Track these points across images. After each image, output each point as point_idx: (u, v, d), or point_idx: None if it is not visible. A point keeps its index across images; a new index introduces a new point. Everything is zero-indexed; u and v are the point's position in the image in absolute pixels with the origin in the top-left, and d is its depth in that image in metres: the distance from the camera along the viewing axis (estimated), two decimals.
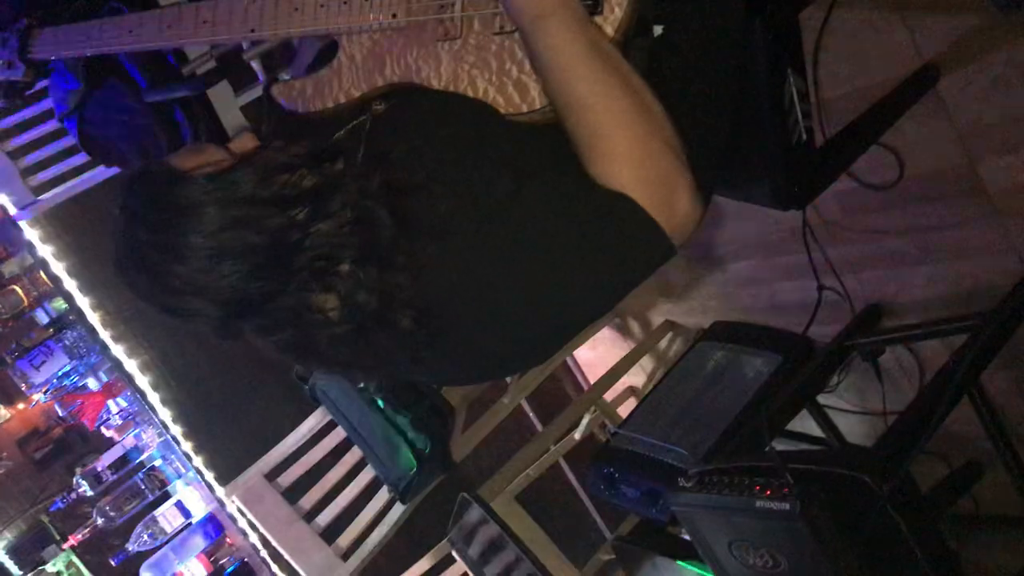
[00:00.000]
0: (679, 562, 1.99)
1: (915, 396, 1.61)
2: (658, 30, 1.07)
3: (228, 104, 1.97)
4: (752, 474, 1.52)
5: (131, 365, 2.63)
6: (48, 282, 2.63)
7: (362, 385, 2.25)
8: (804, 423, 2.09)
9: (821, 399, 2.06)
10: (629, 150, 0.93)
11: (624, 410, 2.90)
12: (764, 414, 1.81)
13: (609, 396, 2.93)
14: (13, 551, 3.06)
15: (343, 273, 0.93)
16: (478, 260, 0.94)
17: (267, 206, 0.90)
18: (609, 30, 0.98)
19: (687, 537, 1.69)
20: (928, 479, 1.99)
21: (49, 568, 3.01)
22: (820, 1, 1.57)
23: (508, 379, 2.73)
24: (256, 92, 2.09)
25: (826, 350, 2.00)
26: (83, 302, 2.58)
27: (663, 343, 2.78)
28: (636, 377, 2.93)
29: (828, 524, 1.40)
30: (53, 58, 1.44)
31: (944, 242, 1.84)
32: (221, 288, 0.91)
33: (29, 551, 3.04)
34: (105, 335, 2.59)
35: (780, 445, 2.05)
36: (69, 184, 2.26)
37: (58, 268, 2.55)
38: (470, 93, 1.03)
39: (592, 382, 3.02)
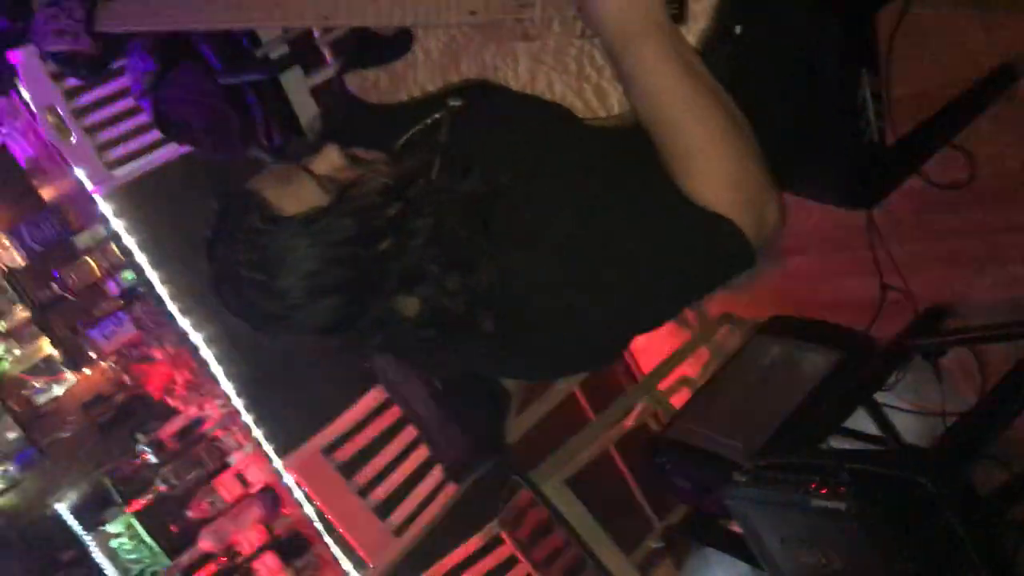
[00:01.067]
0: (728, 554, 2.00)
1: (978, 399, 1.59)
2: (738, 29, 1.07)
3: (300, 88, 2.00)
4: (808, 471, 1.51)
5: (197, 338, 2.70)
6: (120, 255, 2.71)
7: (419, 366, 2.28)
8: (860, 420, 2.07)
9: (879, 397, 2.04)
10: (726, 172, 0.94)
11: (677, 400, 2.90)
12: (822, 411, 1.80)
13: (663, 386, 2.93)
14: (76, 511, 3.18)
15: (428, 282, 0.95)
16: (563, 265, 0.95)
17: (359, 244, 0.92)
18: (692, 40, 0.97)
19: (737, 530, 1.69)
20: (986, 483, 1.97)
21: (110, 528, 3.12)
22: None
23: None
24: (326, 74, 2.12)
25: (887, 349, 1.98)
26: (153, 275, 2.66)
27: (720, 334, 2.77)
28: (691, 367, 2.92)
29: (883, 525, 1.40)
30: (120, 32, 1.44)
31: (1012, 245, 1.81)
32: (316, 320, 0.94)
33: (92, 512, 3.16)
34: (173, 308, 2.67)
35: (836, 442, 2.04)
36: (143, 160, 2.32)
37: (130, 242, 2.63)
38: (547, 95, 1.03)
39: (645, 370, 3.02)
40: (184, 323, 2.66)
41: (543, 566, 2.60)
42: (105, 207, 2.59)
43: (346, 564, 2.75)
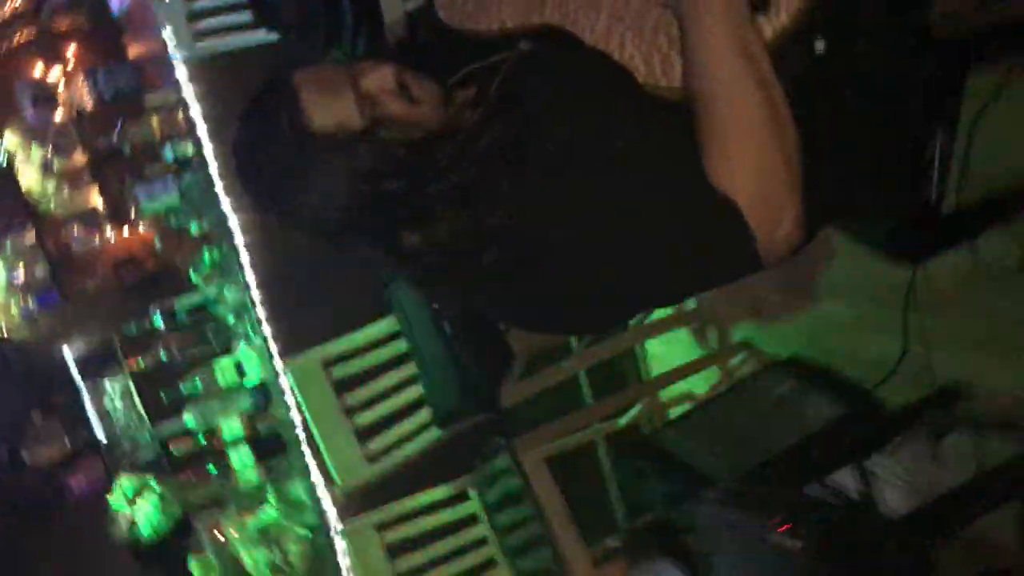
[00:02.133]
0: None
1: (961, 484, 1.58)
2: (820, 47, 1.06)
3: (394, 3, 2.00)
4: (776, 507, 1.51)
5: (234, 221, 2.74)
6: (183, 123, 2.75)
7: (436, 306, 2.30)
8: (846, 477, 2.05)
9: (869, 462, 2.02)
10: (750, 160, 0.94)
11: (674, 412, 2.89)
12: (807, 456, 1.79)
13: (666, 394, 2.93)
14: (80, 361, 3.25)
15: (435, 224, 0.99)
16: (576, 207, 0.97)
17: (379, 178, 0.97)
18: (769, 32, 0.97)
19: (696, 549, 1.70)
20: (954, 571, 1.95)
21: (107, 385, 3.19)
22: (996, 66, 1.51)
23: (574, 344, 2.75)
24: None
25: (893, 416, 1.96)
26: (209, 150, 2.69)
27: (734, 361, 2.76)
28: (697, 385, 2.91)
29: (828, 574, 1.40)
30: None
31: None
32: (326, 224, 1.01)
33: (94, 366, 3.22)
34: (219, 186, 2.71)
35: (814, 492, 2.03)
36: (229, 38, 2.35)
37: (196, 112, 2.67)
38: (616, 54, 1.03)
39: (655, 376, 3.01)
40: (226, 203, 2.70)
41: (501, 533, 2.62)
42: (181, 72, 2.62)
43: (315, 476, 2.79)
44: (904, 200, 1.33)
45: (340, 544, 2.77)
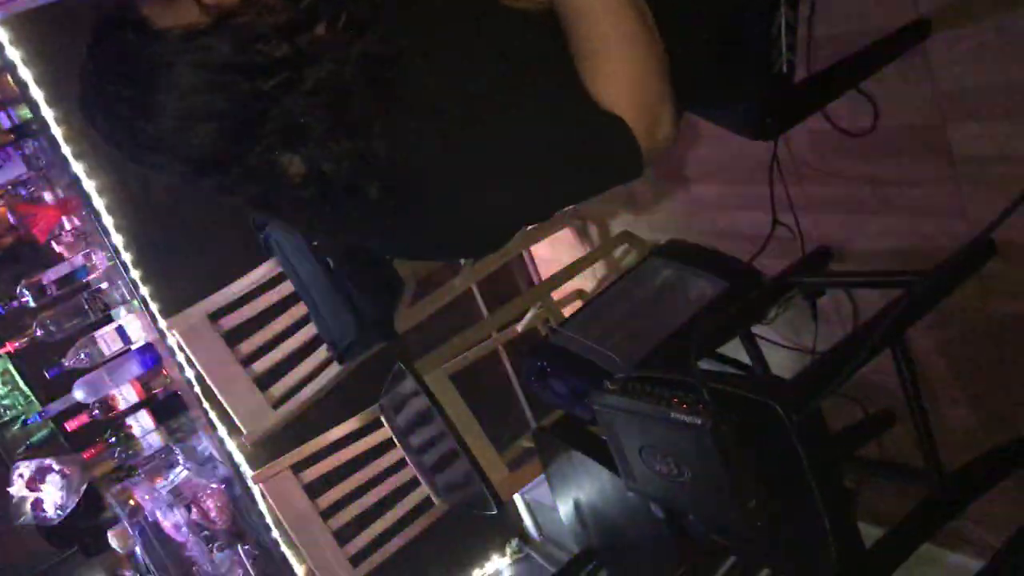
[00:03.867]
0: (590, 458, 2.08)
1: (842, 338, 1.67)
2: None
3: None
4: (673, 387, 1.57)
5: (89, 185, 2.61)
6: (14, 87, 2.58)
7: (316, 243, 2.27)
8: (738, 350, 2.15)
9: (756, 330, 2.12)
10: (628, 74, 0.95)
11: (569, 311, 2.96)
12: (699, 334, 1.86)
13: (557, 295, 2.98)
14: None
15: (312, 139, 0.92)
16: (459, 140, 0.95)
17: (239, 73, 0.88)
18: None
19: (604, 438, 1.76)
20: (843, 421, 2.09)
21: None
22: None
23: (462, 261, 2.76)
24: None
25: (770, 283, 2.05)
26: (48, 113, 2.54)
27: (618, 252, 2.82)
28: (586, 281, 2.98)
29: (734, 444, 1.47)
30: None
31: (902, 197, 1.87)
32: (188, 147, 0.91)
33: None
34: (67, 150, 2.57)
35: (708, 366, 2.12)
36: None
37: (26, 74, 2.51)
38: None
39: (544, 279, 3.06)
40: (77, 167, 2.56)
41: (416, 453, 2.66)
42: (1, 34, 2.45)
43: (221, 430, 2.76)
44: (755, 75, 1.37)
45: (257, 492, 2.76)
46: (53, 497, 2.82)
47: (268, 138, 0.91)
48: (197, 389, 2.72)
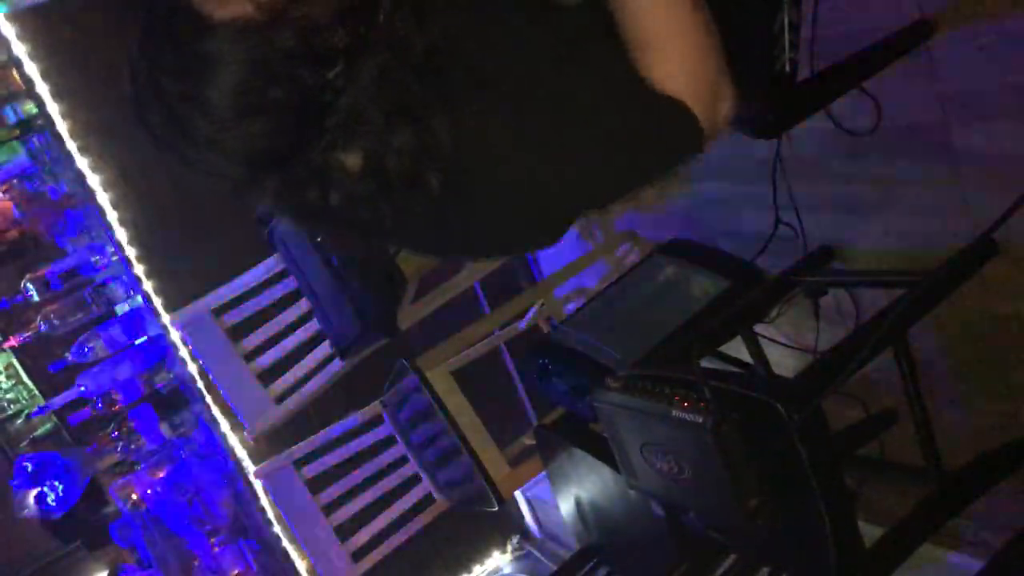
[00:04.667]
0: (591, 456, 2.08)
1: (843, 337, 1.67)
2: None
3: None
4: (675, 385, 1.58)
5: (94, 180, 2.62)
6: (20, 82, 2.59)
7: (320, 239, 2.27)
8: (739, 349, 2.15)
9: (758, 329, 2.12)
10: (687, 58, 0.93)
11: (571, 308, 2.96)
12: (697, 331, 1.87)
13: (559, 293, 2.99)
14: None
15: (374, 131, 0.89)
16: (518, 125, 0.93)
17: (300, 64, 0.85)
18: None
19: (605, 435, 1.76)
20: (844, 420, 2.09)
21: None
22: None
23: None
24: None
25: (771, 282, 2.06)
26: (53, 108, 2.55)
27: (620, 250, 2.83)
28: (589, 279, 2.98)
29: (735, 442, 1.47)
30: None
31: (904, 197, 1.87)
32: (246, 143, 0.87)
33: None
34: (72, 145, 2.58)
35: (710, 364, 2.12)
36: None
37: (32, 69, 2.51)
38: None
39: (547, 276, 3.07)
40: (82, 162, 2.57)
41: (418, 450, 2.66)
42: (8, 28, 2.45)
43: (223, 425, 2.77)
44: (757, 72, 1.37)
45: (259, 487, 2.77)
46: (56, 491, 2.83)
47: (330, 131, 0.88)
48: (200, 384, 2.73)
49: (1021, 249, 1.71)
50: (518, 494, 3.53)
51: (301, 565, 2.87)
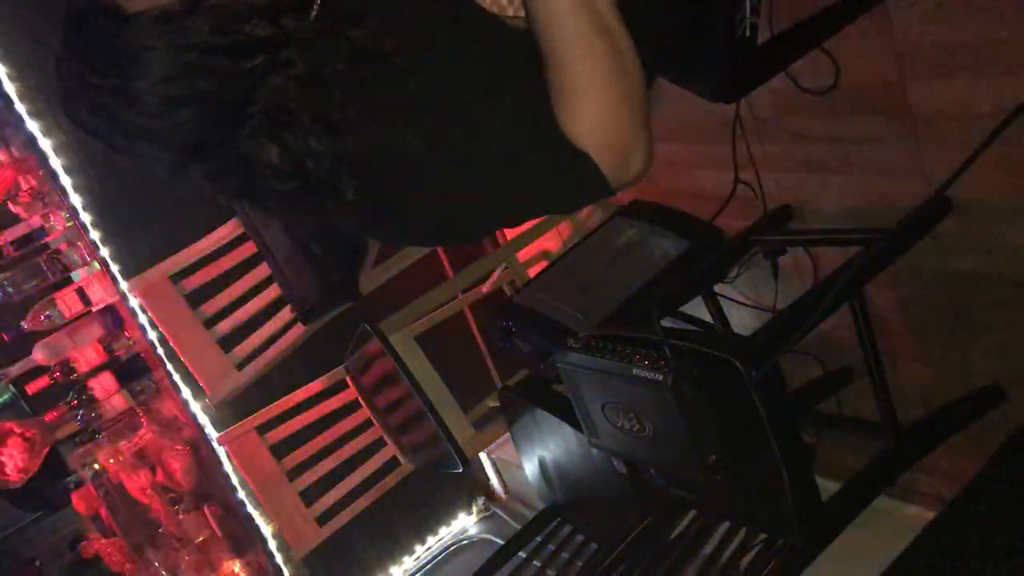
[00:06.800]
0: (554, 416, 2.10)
1: (801, 295, 1.70)
2: None
3: None
4: (635, 344, 1.59)
5: (46, 144, 2.57)
6: None
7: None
8: (700, 309, 2.17)
9: (718, 288, 2.14)
10: (599, 115, 0.93)
11: (535, 271, 2.97)
12: (658, 291, 1.88)
13: (522, 256, 2.99)
14: None
15: (296, 130, 0.90)
16: (435, 145, 0.94)
17: (220, 55, 0.86)
18: None
19: (567, 396, 1.78)
20: (803, 378, 2.12)
21: None
22: None
23: None
24: None
25: (731, 242, 2.07)
26: (0, 70, 2.48)
27: (582, 214, 2.83)
28: (551, 242, 2.98)
29: (694, 399, 1.49)
30: None
31: (862, 156, 1.89)
32: (173, 133, 0.88)
33: None
34: (21, 108, 2.52)
35: (671, 324, 2.14)
36: None
37: None
38: None
39: (509, 240, 3.06)
40: (33, 126, 2.51)
41: (382, 414, 2.67)
42: None
43: (185, 392, 2.74)
44: (718, 39, 1.37)
45: (222, 453, 2.76)
46: (15, 461, 2.79)
47: (253, 120, 0.89)
48: (160, 351, 2.71)
49: (975, 206, 1.73)
50: (483, 456, 3.56)
51: (267, 529, 2.87)
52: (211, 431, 2.78)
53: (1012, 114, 1.39)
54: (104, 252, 2.67)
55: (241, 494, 2.83)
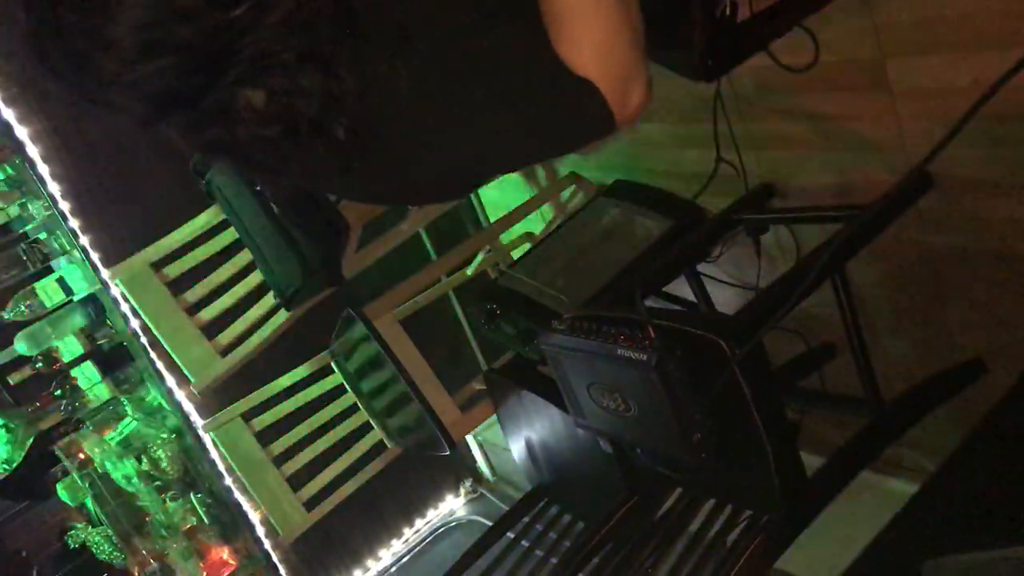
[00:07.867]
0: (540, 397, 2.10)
1: (784, 273, 1.70)
2: None
3: None
4: (619, 324, 1.59)
5: (22, 132, 2.54)
6: None
7: (258, 188, 2.23)
8: (683, 288, 2.18)
9: (701, 267, 2.15)
10: (600, 41, 0.92)
11: (518, 253, 2.96)
12: (642, 272, 1.88)
13: (506, 238, 2.98)
14: None
15: (282, 73, 0.87)
16: (427, 83, 0.92)
17: (203, 3, 0.81)
18: None
19: (553, 377, 1.78)
20: (786, 355, 2.13)
21: None
22: None
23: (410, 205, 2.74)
24: None
25: (713, 220, 2.08)
26: None
27: (565, 194, 2.82)
28: (534, 224, 2.98)
29: (679, 378, 1.50)
30: None
31: (843, 133, 1.89)
32: (150, 82, 0.84)
33: None
34: None
35: (654, 304, 2.15)
36: None
37: None
38: None
39: (492, 222, 3.06)
40: (8, 114, 2.49)
41: (368, 398, 2.67)
42: None
43: (169, 380, 2.73)
44: (698, 18, 1.36)
45: (208, 441, 2.76)
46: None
47: (236, 69, 0.85)
48: (143, 339, 2.69)
49: (956, 182, 1.74)
50: (470, 438, 3.57)
51: (254, 516, 2.87)
52: (196, 419, 2.77)
53: (990, 89, 1.39)
54: (84, 240, 2.65)
55: (228, 481, 2.82)
